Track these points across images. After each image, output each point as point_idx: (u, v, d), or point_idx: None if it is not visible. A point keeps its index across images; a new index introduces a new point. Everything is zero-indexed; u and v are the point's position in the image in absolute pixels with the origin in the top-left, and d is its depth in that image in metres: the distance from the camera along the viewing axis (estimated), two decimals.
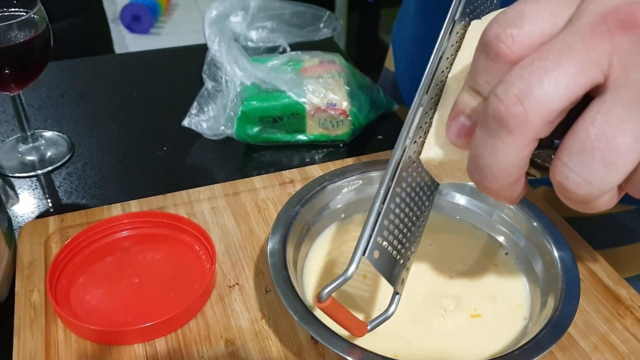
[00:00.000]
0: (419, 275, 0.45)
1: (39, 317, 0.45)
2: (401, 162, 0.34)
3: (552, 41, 0.26)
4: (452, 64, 0.37)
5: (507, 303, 0.44)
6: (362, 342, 0.37)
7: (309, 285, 0.45)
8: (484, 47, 0.28)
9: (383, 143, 0.70)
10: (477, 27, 0.37)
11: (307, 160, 0.67)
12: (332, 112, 0.66)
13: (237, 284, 0.48)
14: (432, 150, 0.34)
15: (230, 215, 0.54)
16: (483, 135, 0.28)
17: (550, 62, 0.25)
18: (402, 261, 0.35)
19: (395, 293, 0.37)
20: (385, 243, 0.34)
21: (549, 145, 0.28)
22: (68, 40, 1.10)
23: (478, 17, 0.38)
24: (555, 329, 0.39)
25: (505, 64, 0.27)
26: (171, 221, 0.51)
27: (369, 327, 0.36)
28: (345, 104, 0.66)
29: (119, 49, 2.28)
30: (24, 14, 0.56)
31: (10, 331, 0.44)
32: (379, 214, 0.33)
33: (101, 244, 0.50)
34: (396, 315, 0.43)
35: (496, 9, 0.41)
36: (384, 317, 0.37)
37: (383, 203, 0.33)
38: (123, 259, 0.49)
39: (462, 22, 0.37)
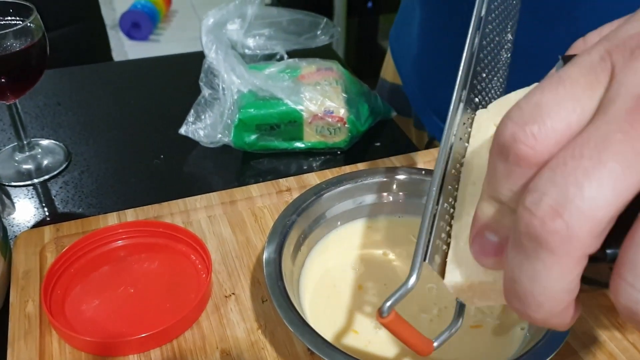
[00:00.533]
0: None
1: (34, 328, 0.44)
2: (450, 160, 0.31)
3: (583, 134, 0.22)
4: (462, 161, 0.33)
5: (505, 312, 0.44)
6: (360, 351, 0.37)
7: (305, 295, 0.45)
8: (501, 150, 0.23)
9: (381, 150, 0.70)
10: (484, 117, 0.34)
11: (305, 167, 0.66)
12: (330, 120, 0.66)
13: (233, 293, 0.48)
14: (457, 273, 0.29)
15: (227, 224, 0.54)
16: (517, 257, 0.23)
17: (587, 161, 0.21)
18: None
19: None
20: (443, 245, 0.30)
21: (603, 257, 0.22)
22: (66, 48, 1.11)
23: (483, 103, 0.35)
24: (553, 339, 0.38)
25: (531, 167, 0.23)
26: (167, 230, 0.51)
27: (435, 344, 0.32)
28: (342, 111, 0.66)
29: (118, 55, 2.29)
30: (20, 22, 0.56)
31: (4, 342, 0.44)
32: (434, 216, 0.30)
33: (97, 254, 0.50)
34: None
35: (502, 93, 0.37)
36: (449, 333, 0.32)
37: (437, 204, 0.30)
38: (118, 268, 0.49)
39: (468, 111, 0.33)
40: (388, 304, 0.29)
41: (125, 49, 2.53)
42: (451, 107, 0.32)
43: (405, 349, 0.41)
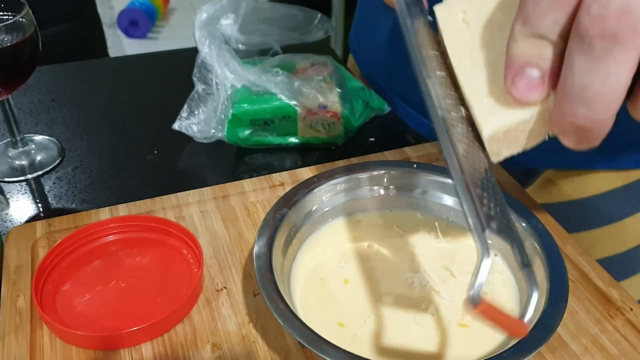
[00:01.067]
0: (406, 277, 0.45)
1: (25, 322, 0.44)
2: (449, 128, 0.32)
3: None
4: (441, 50, 0.36)
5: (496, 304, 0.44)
6: (348, 347, 0.37)
7: (296, 288, 0.45)
8: None
9: (376, 145, 0.69)
10: (444, 8, 0.37)
11: (299, 163, 0.66)
12: (324, 115, 0.66)
13: (224, 287, 0.48)
14: (493, 121, 0.31)
15: (220, 218, 0.54)
16: (588, 63, 0.25)
17: None
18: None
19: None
20: (489, 210, 0.30)
21: None
22: (62, 45, 1.11)
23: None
24: (543, 330, 0.38)
25: None
26: (159, 225, 0.51)
27: (526, 323, 0.31)
28: (337, 107, 0.66)
29: (116, 53, 2.29)
30: (12, 17, 0.56)
31: None
32: (467, 186, 0.30)
33: (88, 249, 0.50)
34: (382, 318, 0.43)
35: None
36: (533, 307, 0.31)
37: (463, 173, 0.31)
38: (110, 263, 0.49)
39: (421, 20, 0.37)
40: (475, 291, 0.28)
41: (123, 47, 2.52)
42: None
43: (393, 340, 0.41)
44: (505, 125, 0.31)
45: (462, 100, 0.34)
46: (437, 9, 0.37)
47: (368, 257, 0.47)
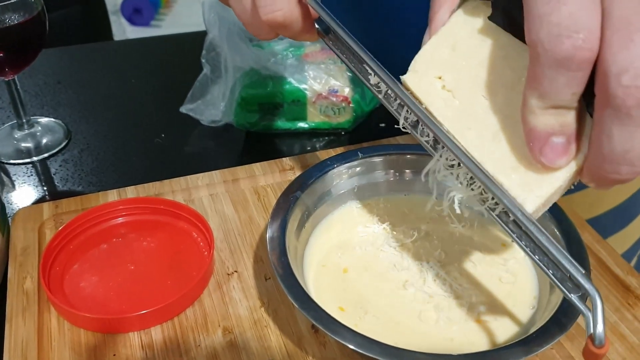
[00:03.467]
0: (424, 262, 0.44)
1: (32, 304, 0.44)
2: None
3: (613, 15, 0.26)
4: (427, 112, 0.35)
5: (515, 291, 0.43)
6: (365, 331, 0.36)
7: (309, 272, 0.44)
8: (563, 62, 0.27)
9: (386, 131, 0.68)
10: (416, 80, 0.35)
11: (308, 148, 0.65)
12: (334, 99, 0.65)
13: (235, 271, 0.47)
14: (534, 196, 0.32)
15: (229, 202, 0.53)
16: (628, 130, 0.27)
17: None
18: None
19: None
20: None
21: None
22: (67, 29, 1.09)
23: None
24: (563, 318, 0.37)
25: (589, 67, 0.27)
26: (168, 207, 0.50)
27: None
28: (347, 91, 0.65)
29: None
30: None
31: (2, 319, 0.43)
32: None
33: (96, 231, 0.49)
34: (400, 303, 0.42)
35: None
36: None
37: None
38: (118, 245, 0.48)
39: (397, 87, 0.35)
40: (602, 330, 0.30)
41: (126, 34, 2.50)
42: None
43: (411, 324, 0.40)
44: (545, 197, 0.32)
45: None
46: (407, 79, 0.35)
47: (382, 242, 0.46)
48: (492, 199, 0.33)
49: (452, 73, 0.34)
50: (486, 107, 0.33)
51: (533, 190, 0.31)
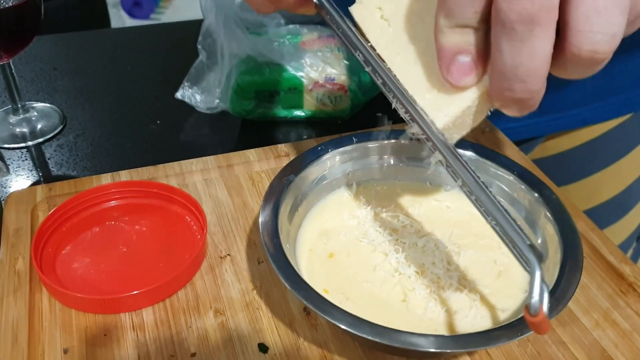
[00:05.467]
0: (421, 248, 0.44)
1: (23, 285, 0.43)
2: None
3: None
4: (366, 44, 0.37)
5: (507, 276, 0.43)
6: (359, 313, 0.36)
7: (301, 256, 0.43)
8: None
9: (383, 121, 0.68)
10: (359, 8, 0.38)
11: (305, 137, 0.65)
12: (331, 87, 0.64)
13: (228, 254, 0.47)
14: (442, 114, 0.33)
15: (224, 187, 0.53)
16: (514, 45, 0.28)
17: None
18: None
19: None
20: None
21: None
22: (65, 17, 1.09)
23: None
24: (555, 303, 0.37)
25: None
26: (162, 191, 0.50)
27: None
28: (344, 79, 0.64)
29: None
30: None
31: None
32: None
33: (89, 213, 0.48)
34: (395, 289, 0.41)
35: None
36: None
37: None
38: (111, 228, 0.48)
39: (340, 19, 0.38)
40: (537, 300, 0.31)
41: (126, 27, 2.50)
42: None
43: (404, 308, 0.40)
44: (453, 116, 0.33)
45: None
46: (353, 9, 0.38)
47: (375, 226, 0.46)
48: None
49: (390, 3, 0.36)
50: (413, 33, 0.35)
51: (442, 109, 0.33)
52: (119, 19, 2.49)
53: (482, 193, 0.34)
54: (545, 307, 0.31)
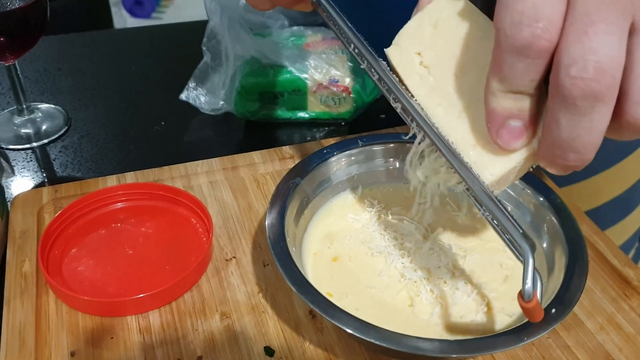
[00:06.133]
0: (427, 252, 0.44)
1: (30, 287, 0.44)
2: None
3: (576, 7, 0.27)
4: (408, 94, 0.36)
5: (514, 279, 0.43)
6: (370, 316, 0.36)
7: (307, 259, 0.44)
8: (522, 50, 0.28)
9: (386, 122, 0.68)
10: (397, 50, 0.37)
11: (308, 138, 0.65)
12: (335, 89, 0.65)
13: (234, 257, 0.47)
14: (488, 173, 0.33)
15: (229, 189, 0.53)
16: (574, 119, 0.28)
17: (601, 23, 0.26)
18: None
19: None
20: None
21: None
22: (68, 18, 1.09)
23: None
24: (560, 306, 0.37)
25: (547, 56, 0.28)
26: (167, 193, 0.50)
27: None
28: (347, 81, 0.64)
29: None
30: None
31: (0, 302, 0.43)
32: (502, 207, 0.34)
33: (95, 215, 0.49)
34: (400, 294, 0.42)
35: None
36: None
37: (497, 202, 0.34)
38: (117, 230, 0.48)
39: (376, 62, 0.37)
40: (530, 286, 0.31)
41: (127, 26, 2.50)
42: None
43: (410, 311, 0.40)
44: (498, 176, 0.33)
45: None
46: (390, 52, 0.37)
47: (380, 230, 0.46)
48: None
49: (431, 50, 0.35)
50: (457, 86, 0.34)
51: (487, 168, 0.33)
52: (121, 17, 2.48)
53: (476, 183, 0.33)
54: (538, 293, 0.31)
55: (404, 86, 0.36)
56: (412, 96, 0.35)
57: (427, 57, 0.35)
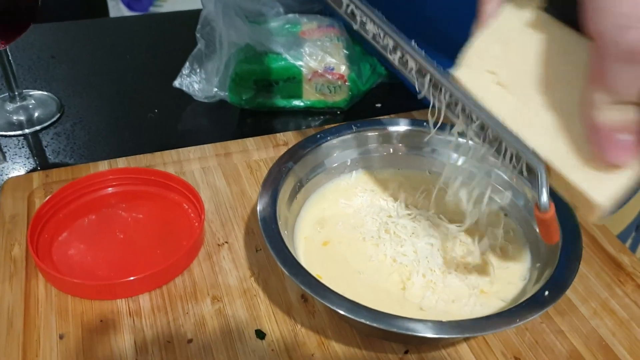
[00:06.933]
0: (419, 236, 0.44)
1: (19, 271, 0.43)
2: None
3: None
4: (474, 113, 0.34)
5: (508, 262, 0.42)
6: (361, 300, 0.35)
7: (300, 242, 0.43)
8: (629, 54, 0.26)
9: (382, 112, 0.68)
10: (467, 73, 0.35)
11: (303, 127, 0.65)
12: (330, 77, 0.64)
13: (226, 242, 0.46)
14: (602, 194, 0.31)
15: (221, 175, 0.53)
16: None
17: None
18: None
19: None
20: None
21: None
22: (64, 6, 1.08)
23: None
24: (554, 290, 0.37)
25: None
26: (159, 178, 0.49)
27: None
28: (343, 68, 0.64)
29: None
30: None
31: None
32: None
33: (86, 200, 0.48)
34: (391, 277, 0.41)
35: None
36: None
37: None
38: (108, 215, 0.48)
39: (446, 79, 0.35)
40: (546, 198, 0.32)
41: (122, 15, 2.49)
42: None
43: (401, 294, 0.40)
44: (613, 197, 0.31)
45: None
46: (460, 74, 0.35)
47: (373, 215, 0.46)
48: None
49: (506, 68, 0.33)
50: (545, 104, 0.32)
51: (600, 190, 0.31)
52: (118, 11, 2.47)
53: (484, 112, 0.33)
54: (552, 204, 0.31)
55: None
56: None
57: (504, 76, 0.33)
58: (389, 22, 0.35)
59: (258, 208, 0.41)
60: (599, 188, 0.31)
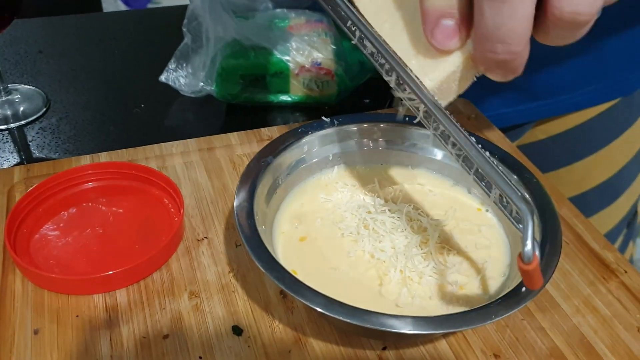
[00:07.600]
0: (397, 232, 0.43)
1: None
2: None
3: None
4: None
5: (487, 258, 0.42)
6: (337, 296, 0.35)
7: (278, 237, 0.43)
8: None
9: (370, 107, 0.67)
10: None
11: (291, 122, 0.64)
12: (317, 72, 0.64)
13: (205, 237, 0.46)
14: (427, 79, 0.33)
15: (204, 170, 0.52)
16: (495, 6, 0.28)
17: None
18: None
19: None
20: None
21: None
22: (55, 2, 1.08)
23: None
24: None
25: None
26: (139, 173, 0.49)
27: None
28: (330, 63, 0.64)
29: None
30: None
31: None
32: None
33: (66, 195, 0.48)
34: (368, 273, 0.41)
35: None
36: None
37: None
38: (88, 209, 0.47)
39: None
40: (530, 248, 0.31)
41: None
42: None
43: (378, 289, 0.40)
44: (438, 81, 0.33)
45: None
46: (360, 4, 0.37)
47: (353, 210, 0.45)
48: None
49: None
50: (400, 2, 0.35)
51: (427, 74, 0.33)
52: (116, 8, 2.47)
53: (472, 149, 0.33)
54: (538, 255, 0.31)
55: (357, 10, 0.36)
56: (363, 17, 0.36)
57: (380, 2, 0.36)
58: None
59: (235, 203, 0.40)
60: (429, 73, 0.33)
